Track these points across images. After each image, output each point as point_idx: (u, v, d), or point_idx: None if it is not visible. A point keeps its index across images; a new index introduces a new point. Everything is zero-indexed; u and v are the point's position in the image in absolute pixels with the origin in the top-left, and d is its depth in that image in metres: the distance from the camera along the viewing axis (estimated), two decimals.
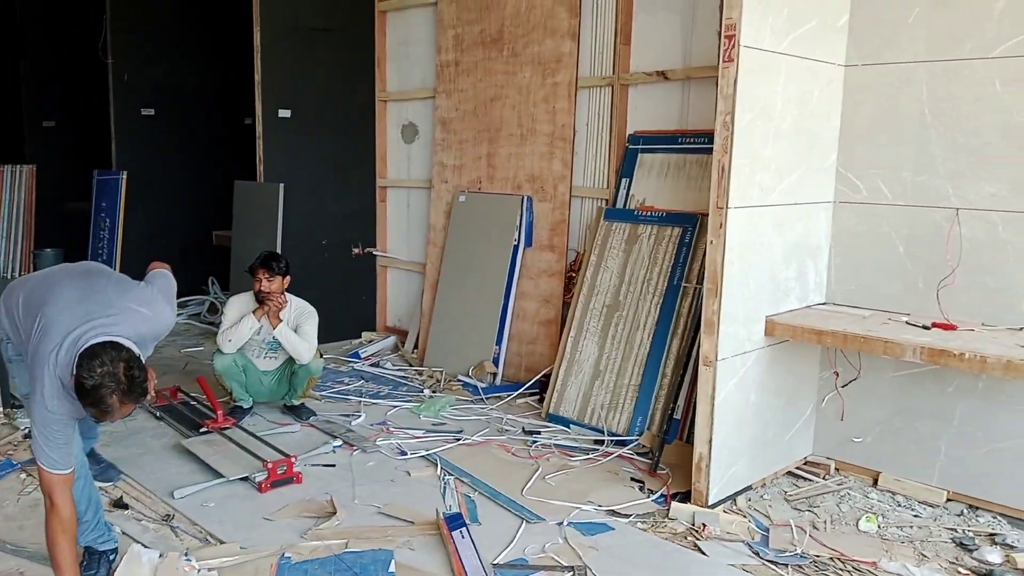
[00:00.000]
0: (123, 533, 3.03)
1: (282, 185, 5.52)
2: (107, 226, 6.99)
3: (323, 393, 4.69)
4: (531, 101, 4.98)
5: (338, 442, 3.97)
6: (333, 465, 3.73)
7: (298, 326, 4.24)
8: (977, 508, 3.33)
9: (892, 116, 3.50)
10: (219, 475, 3.51)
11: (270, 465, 3.46)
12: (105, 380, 2.18)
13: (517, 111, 5.06)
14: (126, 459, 3.74)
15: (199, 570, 2.73)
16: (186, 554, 2.79)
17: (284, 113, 5.66)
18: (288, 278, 4.25)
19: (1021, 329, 3.16)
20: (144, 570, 2.70)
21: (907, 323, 3.27)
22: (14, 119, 8.19)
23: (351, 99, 5.94)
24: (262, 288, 4.17)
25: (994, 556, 2.93)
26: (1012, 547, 3.01)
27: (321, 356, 4.37)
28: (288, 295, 4.29)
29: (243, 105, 6.91)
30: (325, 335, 4.62)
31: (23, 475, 3.54)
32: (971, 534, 3.13)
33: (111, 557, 2.78)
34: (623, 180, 4.60)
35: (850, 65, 3.61)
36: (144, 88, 6.99)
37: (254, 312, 4.20)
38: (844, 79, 3.63)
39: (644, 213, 4.39)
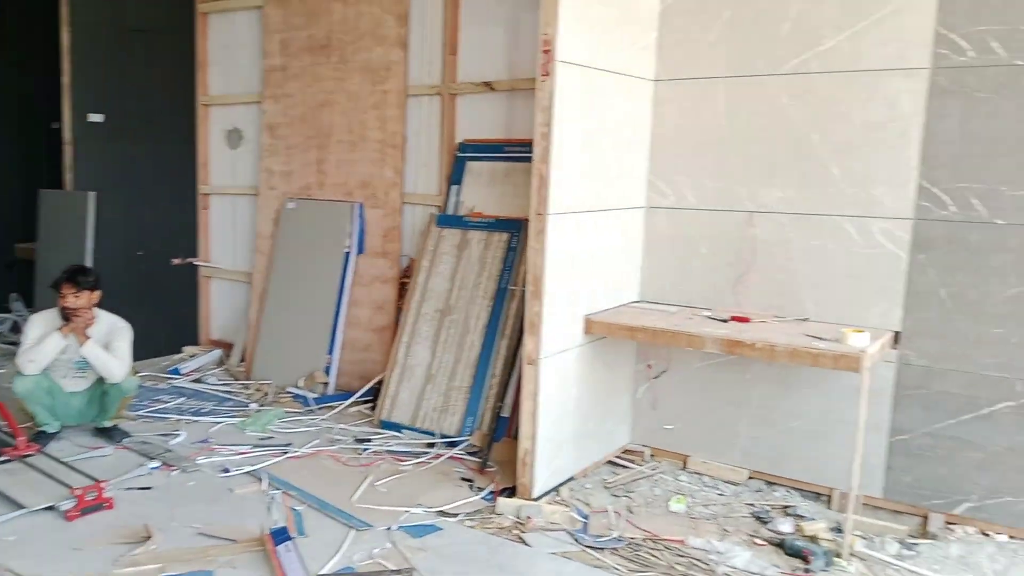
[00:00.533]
0: None
1: (93, 194, 5.18)
2: None
3: (139, 413, 4.44)
4: (361, 108, 4.96)
5: (155, 463, 3.76)
6: (149, 488, 3.54)
7: (109, 343, 3.99)
8: (773, 484, 3.66)
9: (695, 127, 3.77)
10: (20, 506, 3.24)
11: (78, 492, 3.23)
12: None
13: (347, 117, 5.02)
14: None
15: None
16: None
17: (96, 118, 5.33)
18: (97, 293, 3.99)
19: (806, 320, 3.49)
20: None
21: (708, 317, 3.53)
22: None
23: (171, 103, 5.68)
24: (67, 304, 3.89)
25: (786, 526, 3.22)
26: (802, 517, 3.31)
27: (136, 374, 4.14)
28: (98, 310, 4.02)
29: (50, 111, 6.44)
30: (142, 351, 4.38)
31: None
32: (767, 508, 3.42)
33: None
34: (453, 187, 4.67)
35: (658, 80, 3.86)
36: None
37: (59, 329, 3.91)
38: (653, 93, 3.87)
39: (474, 219, 4.48)
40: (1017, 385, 3.11)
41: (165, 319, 5.58)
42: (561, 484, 3.57)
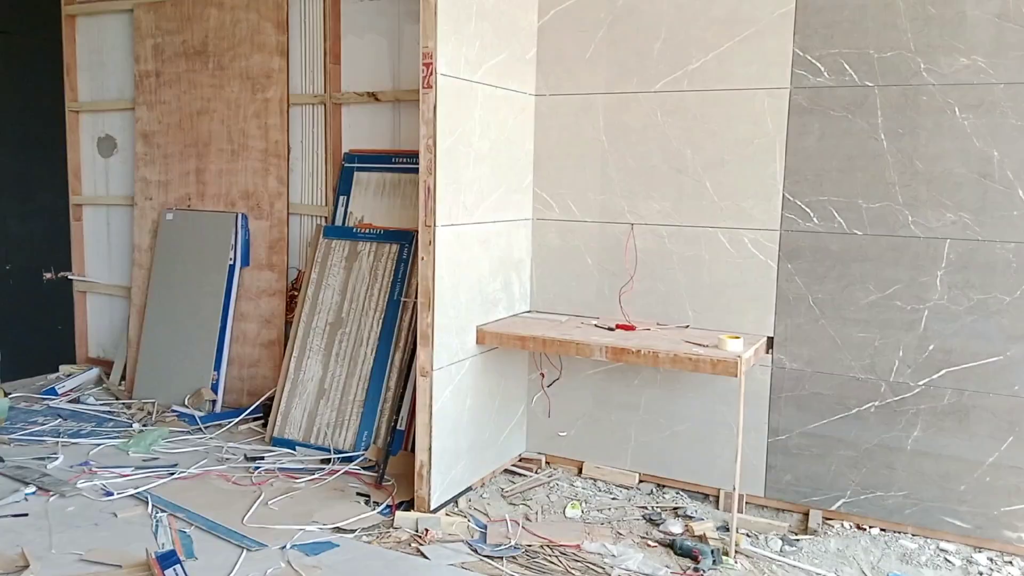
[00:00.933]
0: None
1: None
2: None
3: (12, 436, 4.20)
4: (242, 116, 4.86)
5: (31, 488, 3.58)
6: (26, 514, 3.36)
7: None
8: (664, 486, 3.82)
9: (576, 142, 3.91)
10: None
11: None
12: None
13: (227, 126, 4.91)
14: None
15: None
16: None
17: None
18: None
19: (687, 327, 3.69)
20: None
21: (596, 326, 3.68)
22: None
23: (36, 109, 5.39)
24: None
25: (676, 527, 3.37)
26: (691, 518, 3.48)
27: (6, 395, 3.92)
28: None
29: None
30: (13, 371, 4.14)
31: None
32: (659, 510, 3.58)
33: None
34: (341, 198, 4.65)
35: (539, 95, 3.98)
36: None
37: None
38: (535, 107, 3.99)
39: (363, 231, 4.47)
40: (882, 386, 3.37)
41: (38, 337, 5.29)
42: (459, 495, 3.63)
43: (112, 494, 3.57)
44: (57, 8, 5.44)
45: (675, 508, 3.59)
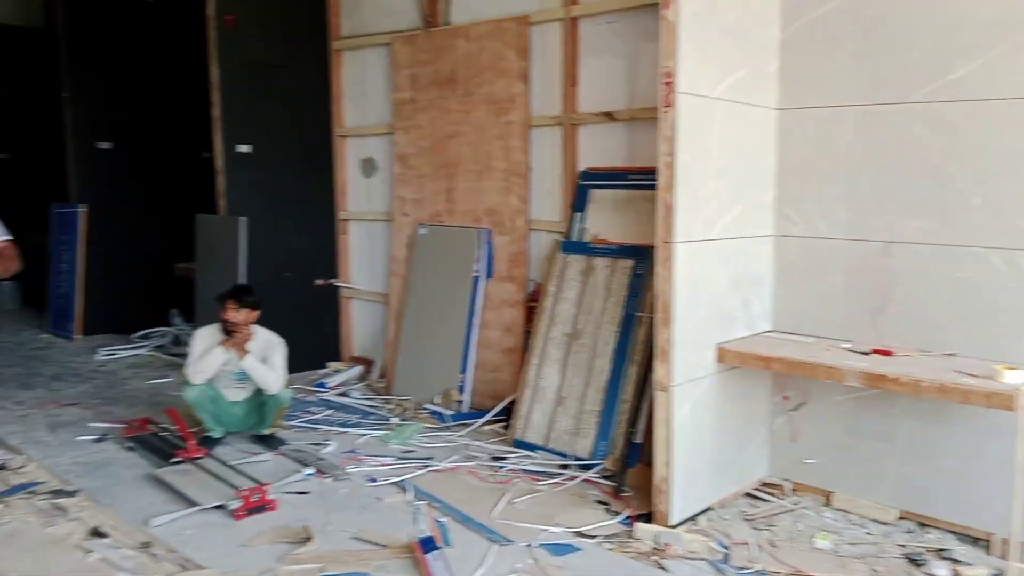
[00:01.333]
0: (103, 560, 3.12)
1: (244, 219, 5.63)
2: (67, 259, 6.98)
3: (291, 423, 4.79)
4: (486, 138, 5.20)
5: (310, 470, 4.08)
6: (307, 492, 3.84)
7: (266, 357, 4.36)
8: (926, 525, 3.54)
9: (822, 156, 3.79)
10: (194, 503, 3.60)
11: (244, 493, 3.56)
12: None
13: (473, 148, 5.27)
14: (99, 489, 3.80)
15: None
16: None
17: (243, 148, 5.78)
18: (256, 312, 4.37)
19: (953, 355, 3.42)
20: None
21: (848, 350, 3.53)
22: None
23: (311, 134, 6.09)
24: (229, 317, 4.28)
25: (942, 571, 3.13)
26: (959, 562, 3.21)
27: (290, 386, 4.49)
28: (255, 327, 4.40)
29: (201, 139, 7.02)
30: (291, 365, 4.73)
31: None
32: (921, 550, 3.33)
33: None
34: (576, 214, 4.83)
35: (782, 109, 3.91)
36: (101, 122, 7.03)
37: (221, 344, 4.30)
38: (778, 122, 3.92)
39: (598, 246, 4.63)
40: None
41: (310, 336, 5.96)
42: (698, 513, 3.63)
43: (376, 481, 3.98)
44: (326, 45, 6.12)
45: (939, 550, 3.33)
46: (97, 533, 3.35)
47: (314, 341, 6.04)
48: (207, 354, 4.30)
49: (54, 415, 4.94)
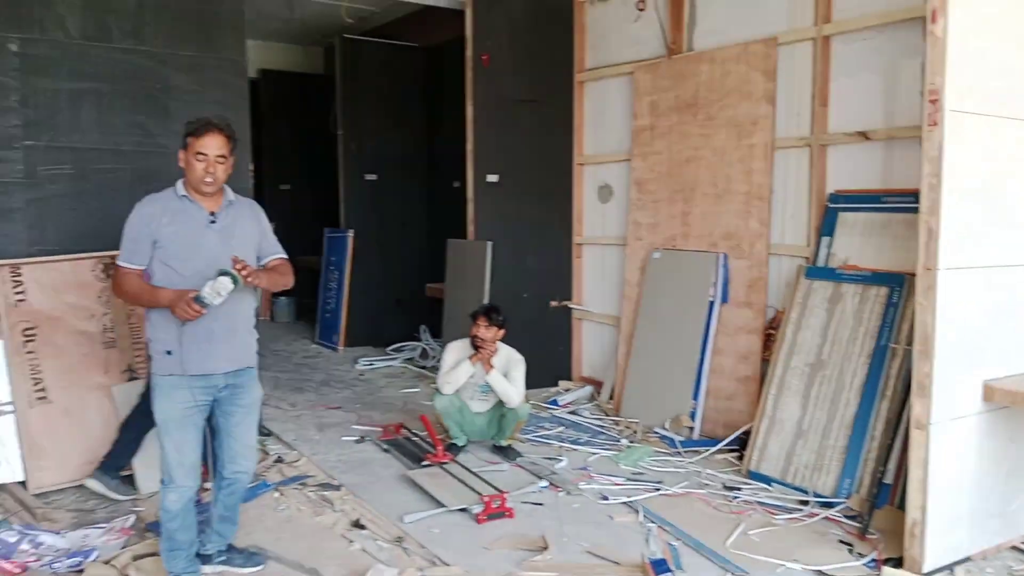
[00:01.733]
0: (362, 550, 3.45)
1: (490, 243, 5.99)
2: (336, 278, 7.83)
3: (528, 437, 5.00)
4: (726, 162, 5.15)
5: (544, 483, 4.24)
6: (541, 504, 4.00)
7: (508, 372, 4.61)
8: None
9: None
10: (441, 504, 3.88)
11: (486, 499, 3.78)
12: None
13: (712, 171, 5.24)
14: (359, 485, 4.20)
15: None
16: (421, 571, 3.13)
17: (492, 178, 6.16)
18: (503, 331, 4.64)
19: None
20: None
21: None
22: (256, 183, 9.41)
23: (551, 163, 6.35)
24: (478, 334, 4.58)
25: None
26: None
27: (528, 401, 4.70)
28: (500, 344, 4.67)
29: (452, 170, 7.58)
30: (526, 382, 4.95)
31: (276, 494, 4.08)
32: None
33: None
34: (823, 239, 4.63)
35: None
36: (368, 156, 7.83)
37: (469, 358, 4.60)
38: None
39: (848, 272, 4.40)
40: None
41: (543, 355, 6.18)
42: (955, 563, 3.33)
43: (607, 499, 4.05)
44: (570, 78, 6.37)
45: None
46: (358, 525, 3.71)
47: (547, 360, 6.25)
48: (457, 367, 4.62)
49: (322, 417, 5.53)
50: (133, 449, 4.08)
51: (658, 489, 4.17)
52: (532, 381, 5.93)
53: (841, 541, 3.59)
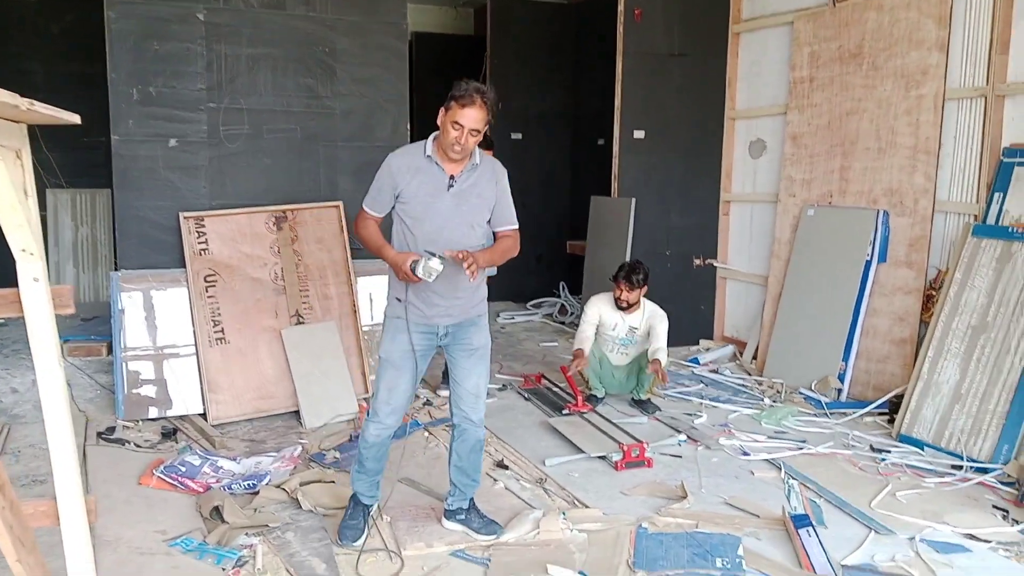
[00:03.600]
0: (506, 488, 3.63)
1: (634, 200, 5.99)
2: None
3: (666, 393, 5.03)
4: (891, 114, 4.88)
5: (683, 436, 4.27)
6: (679, 456, 4.04)
7: (651, 327, 4.64)
8: None
9: None
10: (581, 451, 4.00)
11: (625, 447, 3.87)
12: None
13: (875, 124, 4.98)
14: (503, 429, 4.39)
15: (572, 529, 3.19)
16: (563, 514, 3.26)
17: (638, 134, 6.13)
18: (645, 287, 4.67)
19: None
20: (529, 524, 3.22)
21: None
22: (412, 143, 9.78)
23: (701, 118, 6.24)
24: (621, 297, 4.63)
25: None
26: None
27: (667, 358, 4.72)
28: (644, 300, 4.70)
29: (596, 127, 7.59)
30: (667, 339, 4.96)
31: (426, 433, 4.34)
32: None
33: (369, 511, 3.18)
34: (995, 195, 4.33)
35: None
36: (514, 114, 7.95)
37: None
38: None
39: (1021, 231, 4.10)
40: None
41: (685, 313, 6.15)
42: None
43: (748, 455, 4.03)
44: (725, 30, 6.19)
45: None
46: (502, 465, 3.90)
47: (689, 318, 6.21)
48: (585, 322, 4.71)
49: None
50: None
51: (801, 448, 4.10)
52: (673, 339, 5.89)
53: (995, 507, 3.43)
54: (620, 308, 4.68)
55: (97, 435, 4.22)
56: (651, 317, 4.69)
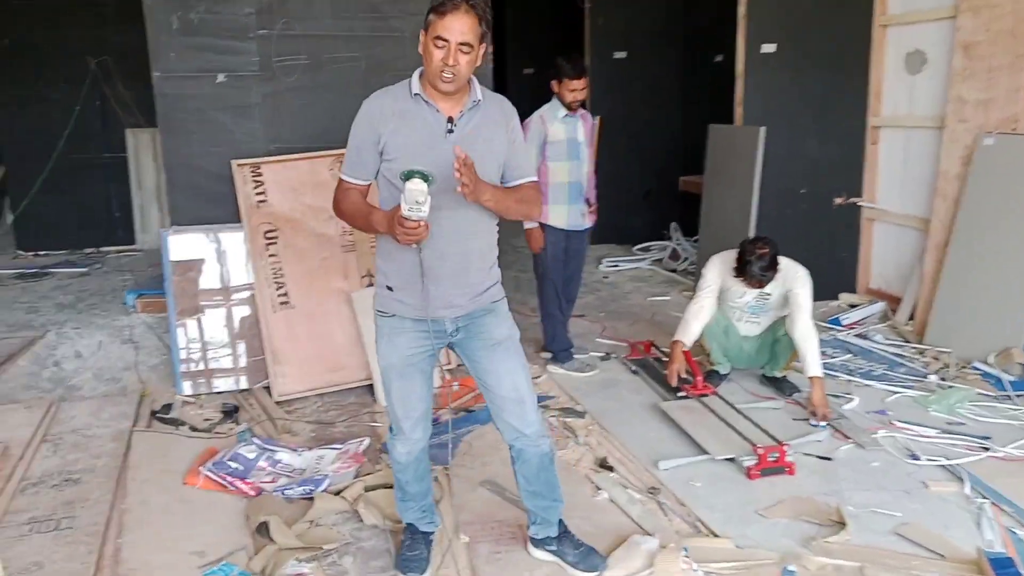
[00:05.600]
0: (610, 500, 2.95)
1: (763, 129, 5.02)
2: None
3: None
4: None
5: (824, 427, 3.46)
6: (829, 459, 3.24)
7: (788, 291, 3.77)
8: None
9: None
10: (702, 450, 3.27)
11: (760, 451, 3.10)
12: None
13: None
14: (605, 413, 3.71)
15: (696, 570, 2.49)
16: (685, 550, 2.56)
17: (768, 48, 5.14)
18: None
19: None
20: (640, 560, 2.54)
21: None
22: (497, 67, 8.91)
23: (844, 27, 5.18)
24: (752, 286, 3.74)
25: None
26: None
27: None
28: (781, 259, 3.81)
29: (713, 42, 6.55)
30: None
31: None
32: None
33: (431, 539, 2.65)
34: None
35: None
36: (617, 31, 6.97)
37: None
38: None
39: None
40: None
41: (821, 262, 5.18)
42: None
43: (918, 458, 3.20)
44: None
45: None
46: (604, 465, 3.22)
47: (826, 269, 5.20)
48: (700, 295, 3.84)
49: None
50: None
51: (986, 448, 3.24)
52: None
53: None
54: (743, 275, 3.77)
55: (151, 414, 3.78)
56: (788, 279, 3.78)
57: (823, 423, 3.49)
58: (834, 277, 5.34)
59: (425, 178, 2.00)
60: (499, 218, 2.33)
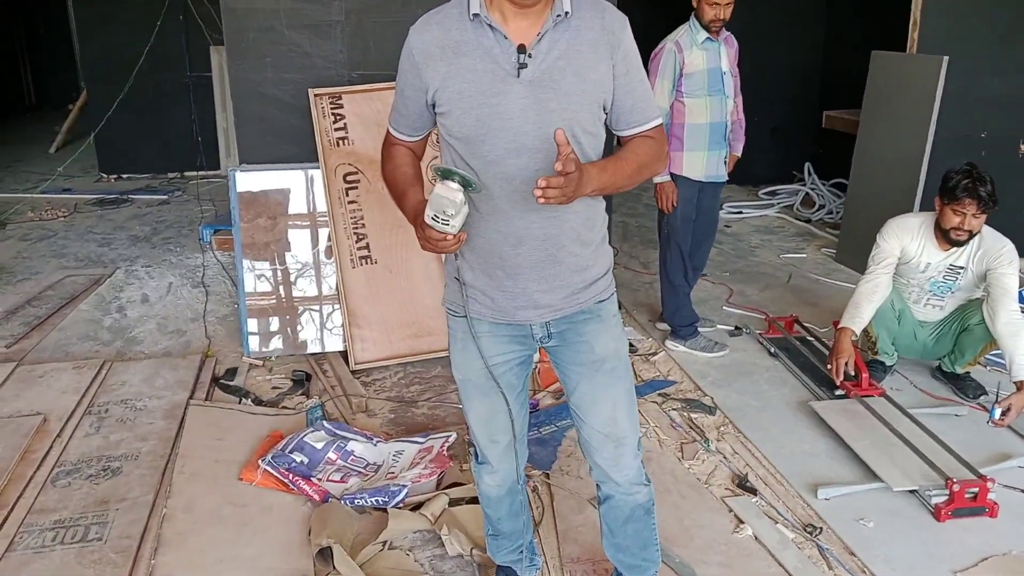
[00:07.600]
0: (755, 539, 2.33)
1: (945, 59, 4.07)
2: None
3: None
4: None
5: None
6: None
7: (988, 270, 2.97)
8: None
9: None
10: (874, 475, 2.59)
11: (956, 486, 2.40)
12: None
13: None
14: (739, 411, 3.05)
15: None
16: None
17: None
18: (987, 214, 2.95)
19: None
20: None
21: None
22: None
23: None
24: (953, 224, 2.94)
25: None
26: None
27: None
28: (984, 228, 3.01)
29: None
30: None
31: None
32: None
33: None
34: None
35: None
36: None
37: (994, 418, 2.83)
38: None
39: None
40: None
41: (1009, 224, 4.28)
42: None
43: None
44: None
45: None
46: (744, 485, 2.58)
47: (1010, 231, 4.35)
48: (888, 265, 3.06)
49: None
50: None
51: None
52: None
53: None
54: (953, 241, 2.99)
55: (212, 381, 3.34)
56: (990, 254, 2.98)
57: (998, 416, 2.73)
58: (1020, 241, 4.41)
59: (466, 183, 1.41)
60: None
